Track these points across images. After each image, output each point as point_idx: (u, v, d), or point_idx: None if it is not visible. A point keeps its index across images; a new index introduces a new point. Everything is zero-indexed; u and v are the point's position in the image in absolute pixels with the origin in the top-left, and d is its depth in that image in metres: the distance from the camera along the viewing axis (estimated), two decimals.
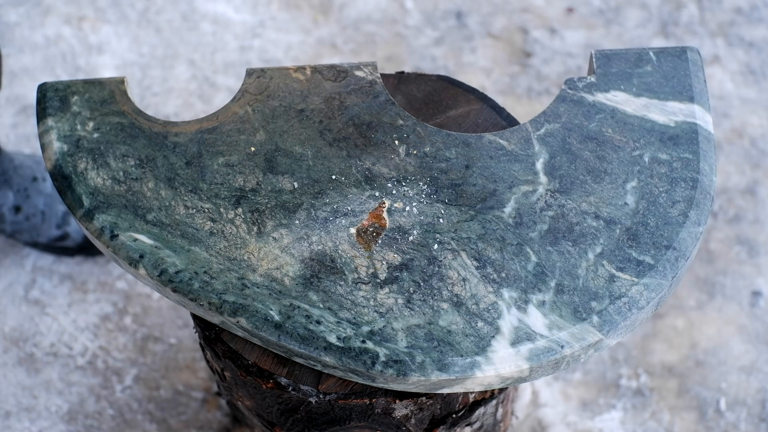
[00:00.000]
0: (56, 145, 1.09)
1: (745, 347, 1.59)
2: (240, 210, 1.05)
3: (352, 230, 1.04)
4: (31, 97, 1.81)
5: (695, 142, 1.08)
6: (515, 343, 0.97)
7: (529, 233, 1.03)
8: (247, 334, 1.01)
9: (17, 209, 1.59)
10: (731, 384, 1.56)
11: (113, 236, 1.04)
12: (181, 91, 1.82)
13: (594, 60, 1.13)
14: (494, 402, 1.18)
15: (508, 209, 1.04)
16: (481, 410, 1.16)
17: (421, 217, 1.04)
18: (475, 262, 1.01)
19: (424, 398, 1.06)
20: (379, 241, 1.03)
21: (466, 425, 1.16)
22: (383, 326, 0.98)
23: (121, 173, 1.07)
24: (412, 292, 1.00)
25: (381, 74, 1.15)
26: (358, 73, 1.13)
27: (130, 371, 1.57)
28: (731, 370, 1.57)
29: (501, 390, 1.16)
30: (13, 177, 1.59)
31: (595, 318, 0.98)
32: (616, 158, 1.07)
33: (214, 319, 1.02)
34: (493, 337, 0.97)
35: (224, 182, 1.07)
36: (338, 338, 0.97)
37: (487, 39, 1.91)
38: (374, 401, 1.04)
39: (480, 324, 0.98)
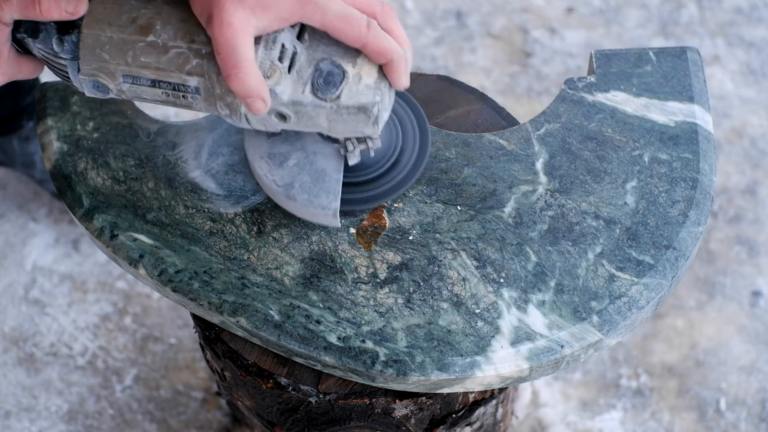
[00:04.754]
0: (56, 145, 1.09)
1: (745, 347, 1.59)
2: (240, 209, 1.05)
3: (352, 230, 1.04)
4: None
5: (695, 142, 1.08)
6: (515, 342, 0.97)
7: (529, 233, 1.03)
8: (247, 334, 1.01)
9: None
10: (731, 384, 1.56)
11: (113, 236, 1.04)
12: None
13: (594, 60, 1.13)
14: (494, 402, 1.18)
15: (508, 209, 1.04)
16: (481, 410, 1.16)
17: (421, 217, 1.04)
18: (475, 262, 1.01)
19: (424, 398, 1.06)
20: (379, 241, 1.03)
21: (466, 425, 1.16)
22: (383, 326, 0.98)
23: (121, 173, 1.07)
24: (411, 291, 1.00)
25: None
26: None
27: (130, 371, 1.57)
28: (731, 370, 1.57)
29: (501, 390, 1.16)
30: None
31: (595, 318, 0.98)
32: (616, 158, 1.07)
33: (214, 318, 1.02)
34: (493, 336, 0.97)
35: (224, 182, 1.07)
36: (338, 338, 0.97)
37: (487, 39, 1.91)
38: (374, 401, 1.04)
39: (480, 324, 0.98)
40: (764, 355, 1.58)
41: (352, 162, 0.99)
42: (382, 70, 0.91)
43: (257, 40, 0.89)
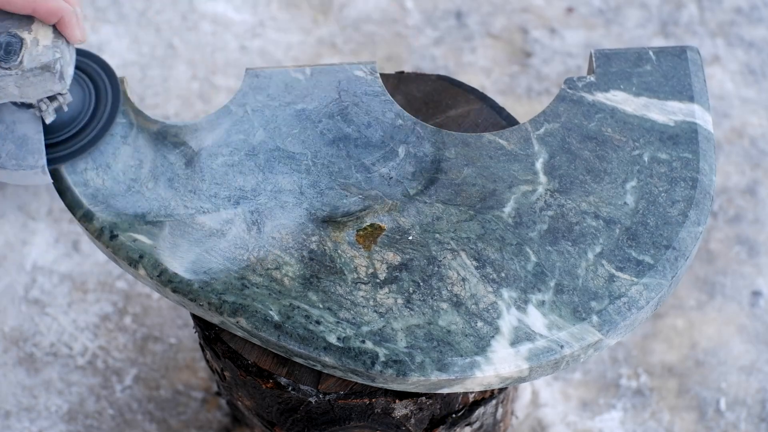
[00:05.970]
0: None
1: (745, 347, 1.59)
2: (240, 210, 1.05)
3: (352, 230, 1.04)
4: None
5: (695, 142, 1.08)
6: (515, 343, 0.97)
7: (529, 233, 1.03)
8: (246, 334, 1.01)
9: None
10: (731, 384, 1.56)
11: (113, 236, 1.04)
12: (181, 91, 1.82)
13: (593, 59, 1.13)
14: (494, 402, 1.18)
15: (508, 209, 1.04)
16: (480, 410, 1.16)
17: (421, 217, 1.04)
18: (474, 262, 1.01)
19: (423, 398, 1.06)
20: (379, 241, 1.03)
21: (466, 425, 1.16)
22: (383, 326, 0.98)
23: (121, 173, 1.07)
24: (411, 292, 1.00)
25: (381, 74, 1.15)
26: (358, 73, 1.13)
27: (130, 371, 1.57)
28: (731, 370, 1.57)
29: (501, 390, 1.16)
30: None
31: (594, 318, 0.98)
32: (615, 158, 1.07)
33: (214, 319, 1.02)
34: (493, 337, 0.97)
35: (224, 182, 1.07)
36: (338, 338, 0.97)
37: (487, 39, 1.91)
38: (374, 401, 1.04)
39: (479, 324, 0.98)
40: (764, 355, 1.58)
41: (48, 120, 1.05)
42: (57, 30, 0.99)
43: None
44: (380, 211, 1.05)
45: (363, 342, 0.97)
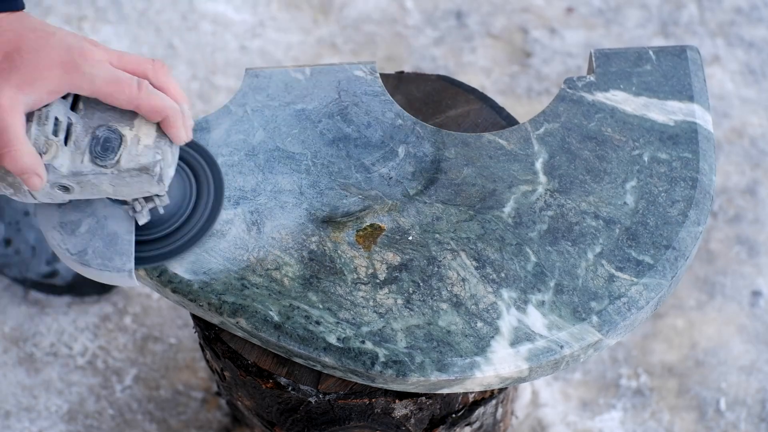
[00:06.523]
0: None
1: (745, 347, 1.59)
2: (239, 210, 1.05)
3: (352, 230, 1.04)
4: None
5: (695, 142, 1.07)
6: (515, 343, 0.97)
7: (529, 233, 1.03)
8: (246, 335, 1.01)
9: (7, 242, 1.56)
10: (731, 384, 1.56)
11: None
12: None
13: (593, 59, 1.13)
14: (494, 402, 1.18)
15: (508, 209, 1.04)
16: (480, 410, 1.16)
17: (421, 217, 1.04)
18: (474, 262, 1.01)
19: (423, 398, 1.06)
20: (379, 242, 1.03)
21: (466, 425, 1.16)
22: (383, 327, 0.98)
23: None
24: (411, 292, 1.00)
25: (381, 74, 1.15)
26: (358, 73, 1.13)
27: (130, 371, 1.57)
28: (731, 370, 1.57)
29: (501, 390, 1.16)
30: (5, 209, 1.56)
31: (594, 318, 0.98)
32: (615, 158, 1.07)
33: (214, 319, 1.02)
34: (493, 337, 0.97)
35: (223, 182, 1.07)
36: (338, 339, 0.97)
37: (487, 39, 1.91)
38: (374, 401, 1.04)
39: (479, 324, 0.98)
40: (764, 355, 1.58)
41: (141, 222, 0.99)
42: (161, 128, 0.92)
43: (29, 116, 0.89)
44: (380, 211, 1.05)
45: (363, 342, 0.97)
